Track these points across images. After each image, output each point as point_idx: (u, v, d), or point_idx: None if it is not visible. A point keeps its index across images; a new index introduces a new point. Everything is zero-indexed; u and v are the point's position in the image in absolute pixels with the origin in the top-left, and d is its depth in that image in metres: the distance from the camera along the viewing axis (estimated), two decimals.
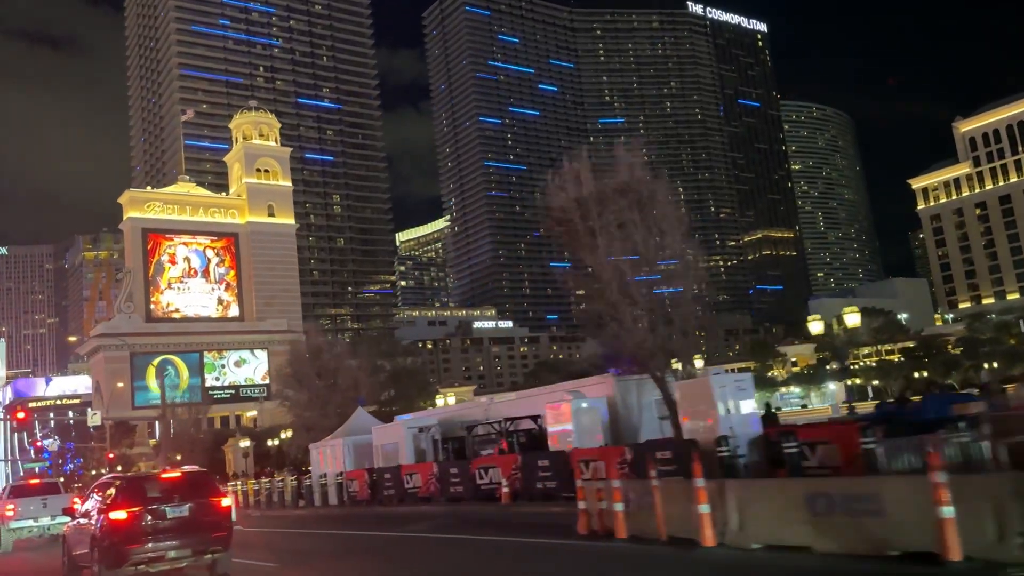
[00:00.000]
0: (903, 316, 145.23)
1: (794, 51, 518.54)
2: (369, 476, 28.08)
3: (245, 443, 63.32)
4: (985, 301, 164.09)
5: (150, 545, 14.09)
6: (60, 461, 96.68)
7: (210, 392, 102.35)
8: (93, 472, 70.61)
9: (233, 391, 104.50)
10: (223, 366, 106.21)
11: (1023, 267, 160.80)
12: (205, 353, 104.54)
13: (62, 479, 34.51)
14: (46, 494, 26.29)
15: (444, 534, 17.93)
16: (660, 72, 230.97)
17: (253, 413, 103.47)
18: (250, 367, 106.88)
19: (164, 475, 15.62)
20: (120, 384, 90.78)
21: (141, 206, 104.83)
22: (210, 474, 18.50)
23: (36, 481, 30.25)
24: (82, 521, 16.00)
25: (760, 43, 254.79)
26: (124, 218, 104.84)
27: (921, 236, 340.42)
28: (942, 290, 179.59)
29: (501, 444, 23.84)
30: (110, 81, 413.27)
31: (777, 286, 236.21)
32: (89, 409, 41.48)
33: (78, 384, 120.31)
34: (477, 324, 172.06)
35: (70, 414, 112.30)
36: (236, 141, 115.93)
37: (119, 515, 14.16)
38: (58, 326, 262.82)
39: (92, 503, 15.78)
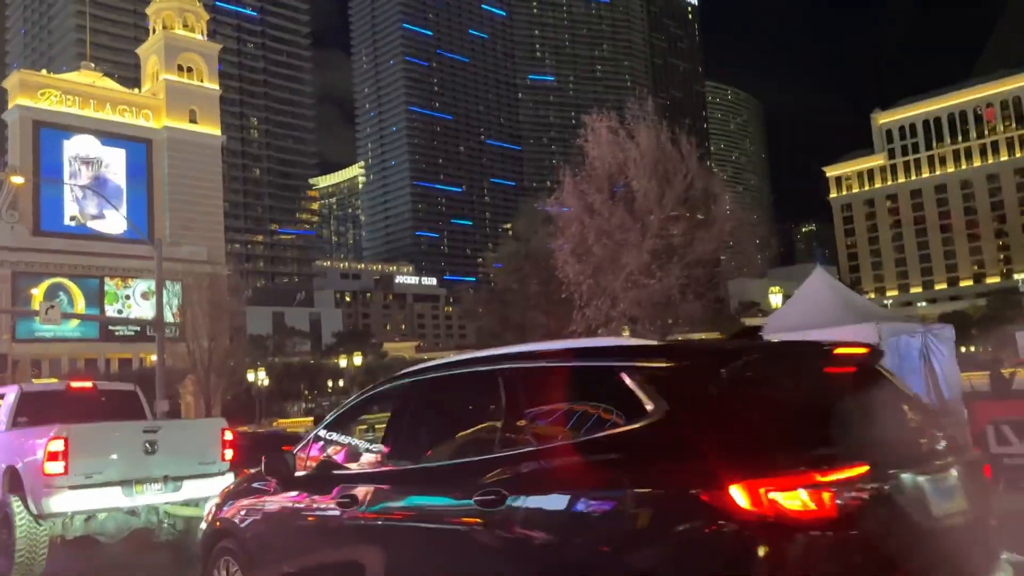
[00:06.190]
0: None
1: (714, 31, 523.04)
2: None
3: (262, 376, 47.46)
4: (889, 294, 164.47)
5: None
6: None
7: (110, 328, 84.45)
8: None
9: (138, 328, 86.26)
10: (128, 297, 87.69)
11: (928, 262, 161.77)
12: (107, 280, 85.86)
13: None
14: (131, 416, 10.26)
15: None
16: (593, 33, 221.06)
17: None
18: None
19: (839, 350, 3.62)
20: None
21: (33, 93, 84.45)
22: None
23: (88, 384, 11.38)
24: (335, 509, 4.44)
25: (690, 16, 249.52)
26: (10, 106, 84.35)
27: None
28: (847, 280, 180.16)
29: None
30: None
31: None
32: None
33: None
34: (399, 280, 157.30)
35: None
36: (153, 31, 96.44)
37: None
38: None
39: (396, 441, 4.51)
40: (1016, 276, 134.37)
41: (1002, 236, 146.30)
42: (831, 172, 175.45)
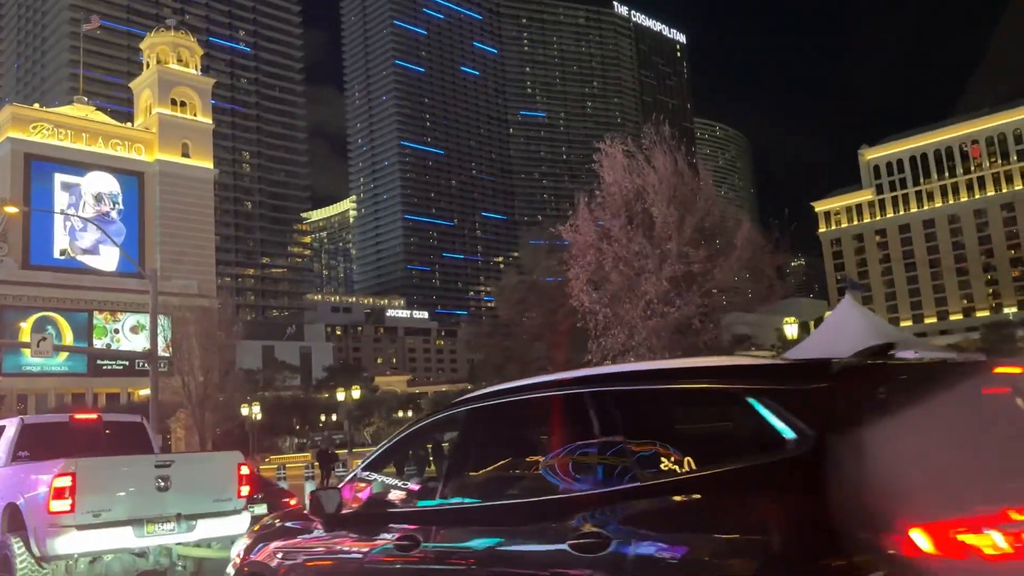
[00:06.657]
0: None
1: (702, 68, 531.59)
2: None
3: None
4: None
5: None
6: None
7: (98, 362, 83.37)
8: None
9: (127, 362, 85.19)
10: (116, 331, 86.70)
11: (917, 296, 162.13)
12: (95, 314, 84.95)
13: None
14: (137, 449, 9.76)
15: None
16: (584, 70, 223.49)
17: (147, 391, 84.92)
18: (149, 335, 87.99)
19: None
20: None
21: (25, 127, 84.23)
22: None
23: (92, 415, 10.79)
24: (392, 552, 3.89)
25: (679, 54, 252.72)
26: (0, 139, 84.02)
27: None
28: None
29: None
30: None
31: None
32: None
33: None
34: (390, 313, 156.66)
35: None
36: (147, 66, 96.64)
37: None
38: None
39: None
40: (1006, 310, 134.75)
41: (990, 270, 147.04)
42: (820, 207, 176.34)
